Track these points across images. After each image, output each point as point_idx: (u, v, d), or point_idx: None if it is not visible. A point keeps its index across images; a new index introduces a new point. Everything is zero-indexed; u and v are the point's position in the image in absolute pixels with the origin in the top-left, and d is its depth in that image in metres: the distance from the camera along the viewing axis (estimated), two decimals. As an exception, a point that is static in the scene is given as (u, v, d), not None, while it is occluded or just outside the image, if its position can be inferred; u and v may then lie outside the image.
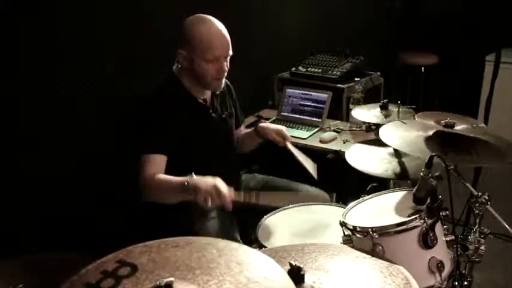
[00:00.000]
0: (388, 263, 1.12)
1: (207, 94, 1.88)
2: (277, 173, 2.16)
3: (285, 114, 2.85)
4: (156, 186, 1.66)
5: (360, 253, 1.20)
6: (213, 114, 1.88)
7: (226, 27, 1.77)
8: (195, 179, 1.57)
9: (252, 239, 1.62)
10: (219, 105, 1.92)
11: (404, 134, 1.64)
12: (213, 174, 1.86)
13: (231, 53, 1.77)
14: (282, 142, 1.95)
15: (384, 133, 1.65)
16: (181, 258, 0.80)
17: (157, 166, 1.70)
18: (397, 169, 1.79)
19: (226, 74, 1.80)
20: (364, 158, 1.89)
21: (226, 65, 1.78)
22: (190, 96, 1.82)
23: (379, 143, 1.75)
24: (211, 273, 0.75)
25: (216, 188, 1.52)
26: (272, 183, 2.10)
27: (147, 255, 0.81)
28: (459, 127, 1.65)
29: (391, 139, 1.60)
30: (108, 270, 0.77)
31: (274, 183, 2.10)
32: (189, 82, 1.81)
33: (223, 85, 1.85)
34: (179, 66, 1.81)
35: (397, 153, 1.84)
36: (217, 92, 1.90)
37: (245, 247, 0.85)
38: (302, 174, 1.94)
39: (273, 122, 2.80)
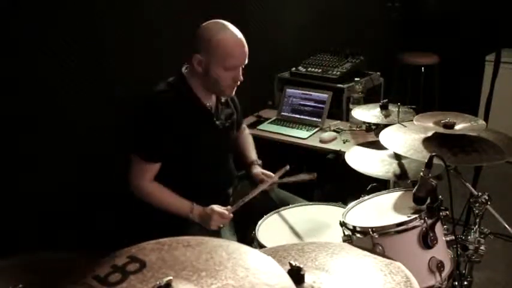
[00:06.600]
0: (388, 260, 1.12)
1: (212, 101, 1.86)
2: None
3: (285, 114, 2.85)
4: (152, 196, 1.77)
5: (360, 251, 1.19)
6: (217, 122, 1.86)
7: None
8: (196, 210, 1.76)
9: (252, 239, 1.62)
10: (223, 114, 1.91)
11: (404, 137, 1.64)
12: (211, 178, 1.88)
13: (246, 61, 1.77)
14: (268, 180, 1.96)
15: (384, 137, 1.65)
16: (190, 259, 0.80)
17: (150, 173, 1.77)
18: (398, 171, 1.78)
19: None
20: (364, 160, 1.88)
21: (241, 73, 1.77)
22: (197, 100, 1.80)
23: (378, 144, 1.75)
24: (216, 276, 0.75)
25: (217, 215, 1.72)
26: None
27: (157, 253, 0.82)
28: (459, 126, 1.65)
29: (392, 143, 1.61)
30: (118, 265, 0.78)
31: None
32: (199, 86, 1.78)
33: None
34: (190, 68, 1.79)
35: (397, 155, 1.84)
36: (223, 100, 1.90)
37: (255, 251, 0.84)
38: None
39: (273, 122, 2.81)
